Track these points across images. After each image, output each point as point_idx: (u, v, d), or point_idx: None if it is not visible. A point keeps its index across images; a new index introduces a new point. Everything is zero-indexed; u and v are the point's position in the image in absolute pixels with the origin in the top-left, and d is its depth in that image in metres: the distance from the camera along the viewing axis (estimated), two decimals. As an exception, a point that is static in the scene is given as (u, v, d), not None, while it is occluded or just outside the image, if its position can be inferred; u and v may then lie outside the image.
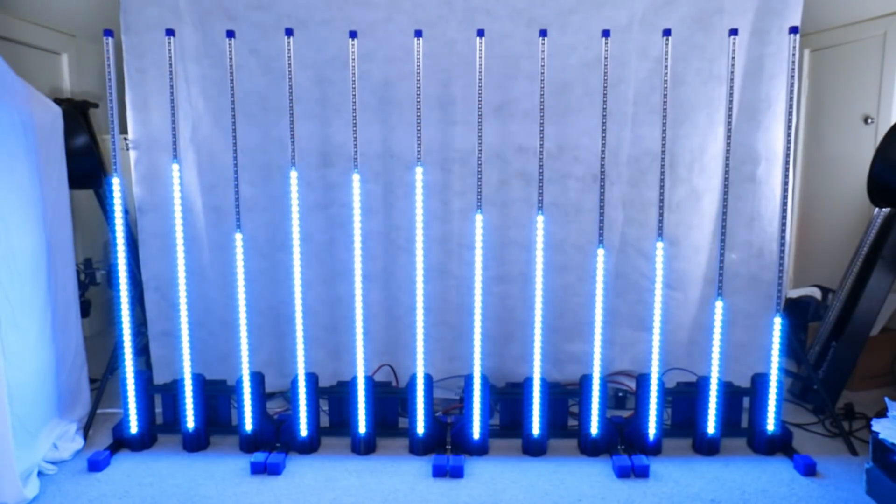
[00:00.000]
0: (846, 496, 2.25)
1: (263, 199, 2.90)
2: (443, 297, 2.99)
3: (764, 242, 2.85)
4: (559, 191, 2.91)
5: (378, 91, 2.84)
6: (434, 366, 2.84)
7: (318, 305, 2.97)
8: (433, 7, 2.79)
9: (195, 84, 2.80)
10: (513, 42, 2.79)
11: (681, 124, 2.83)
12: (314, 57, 2.81)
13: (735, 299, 2.86)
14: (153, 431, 2.63)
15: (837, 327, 3.00)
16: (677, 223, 2.90)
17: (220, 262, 2.90)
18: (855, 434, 2.69)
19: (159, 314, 2.93)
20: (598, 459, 2.50)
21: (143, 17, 2.73)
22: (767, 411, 2.51)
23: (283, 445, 2.53)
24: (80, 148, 2.81)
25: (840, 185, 3.75)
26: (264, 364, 2.84)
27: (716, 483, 2.33)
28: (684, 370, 2.93)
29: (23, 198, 2.35)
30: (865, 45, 3.55)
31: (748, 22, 2.73)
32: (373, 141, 2.86)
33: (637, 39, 2.79)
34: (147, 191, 2.84)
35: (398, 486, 2.30)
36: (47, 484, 2.31)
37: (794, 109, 2.39)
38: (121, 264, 2.48)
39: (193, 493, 2.26)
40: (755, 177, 2.82)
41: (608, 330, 2.94)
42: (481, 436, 2.52)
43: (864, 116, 3.56)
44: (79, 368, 2.72)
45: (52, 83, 3.74)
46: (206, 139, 2.85)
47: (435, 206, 2.91)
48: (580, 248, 2.93)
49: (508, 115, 2.86)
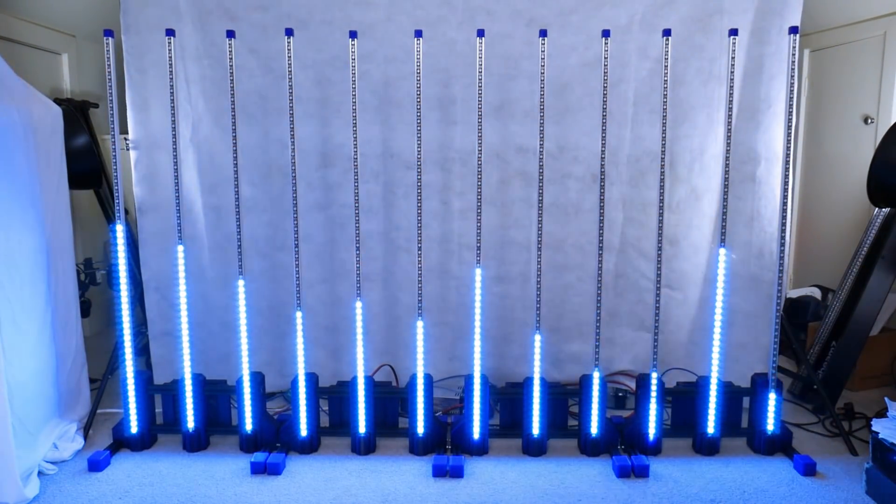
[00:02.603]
0: (846, 496, 2.25)
1: (263, 199, 2.90)
2: (443, 297, 2.99)
3: (764, 242, 2.85)
4: (559, 191, 2.91)
5: (378, 91, 2.84)
6: (434, 366, 2.84)
7: (318, 305, 2.97)
8: (433, 7, 2.79)
9: (195, 84, 2.80)
10: (513, 42, 2.79)
11: (681, 124, 2.83)
12: (314, 57, 2.81)
13: (735, 299, 2.86)
14: (153, 431, 2.63)
15: (837, 327, 3.00)
16: (677, 223, 2.90)
17: (220, 262, 2.91)
18: (855, 434, 2.69)
19: (159, 314, 2.93)
20: (598, 459, 2.50)
21: (143, 17, 2.73)
22: (767, 411, 2.51)
23: (283, 445, 2.54)
24: (80, 148, 2.81)
25: (840, 185, 3.75)
26: (264, 364, 2.85)
27: (716, 483, 2.33)
28: (684, 370, 2.93)
29: (23, 198, 2.35)
30: (865, 45, 3.55)
31: (748, 22, 2.73)
32: (373, 141, 2.86)
33: (637, 39, 2.79)
34: (147, 191, 2.84)
35: (398, 486, 2.30)
36: (47, 484, 2.31)
37: (793, 109, 2.39)
38: (121, 264, 2.49)
39: (193, 493, 2.26)
40: (755, 177, 2.82)
41: (608, 330, 2.95)
42: (481, 436, 2.52)
43: (864, 116, 3.56)
44: (79, 368, 2.72)
45: (52, 83, 3.74)
46: (206, 139, 2.85)
47: (435, 206, 2.92)
48: (580, 248, 2.93)
49: (508, 115, 2.86)
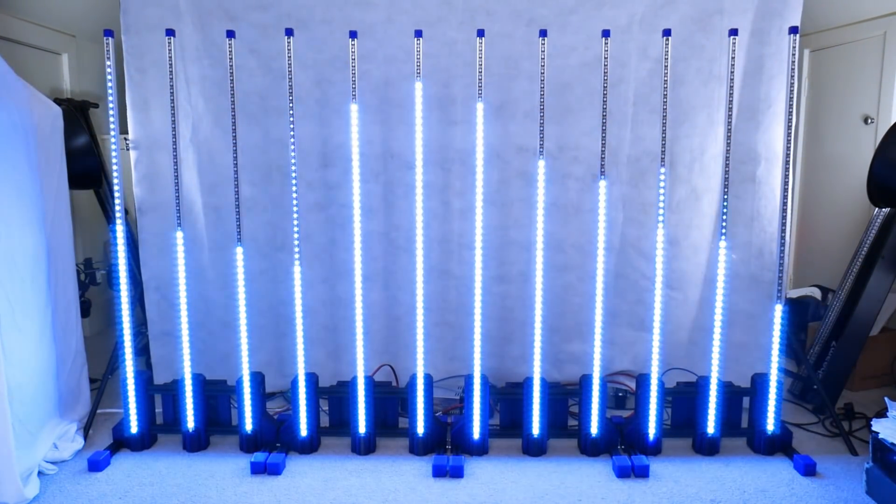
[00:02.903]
0: (846, 496, 2.25)
1: (263, 199, 2.90)
2: (443, 297, 2.99)
3: (764, 242, 2.85)
4: (559, 191, 2.91)
5: (378, 91, 2.84)
6: (434, 366, 2.85)
7: (318, 305, 2.97)
8: (433, 7, 2.79)
9: (195, 84, 2.80)
10: (513, 42, 2.79)
11: (681, 124, 2.83)
12: (314, 57, 2.81)
13: (735, 299, 2.86)
14: (153, 431, 2.63)
15: (837, 327, 3.00)
16: (677, 223, 2.90)
17: (220, 262, 2.91)
18: (855, 434, 2.69)
19: (159, 314, 2.93)
20: (598, 459, 2.50)
21: (143, 17, 2.73)
22: (767, 411, 2.51)
23: (283, 445, 2.54)
24: (80, 148, 2.81)
25: (840, 185, 3.75)
26: (264, 364, 2.85)
27: (716, 483, 2.33)
28: (684, 370, 2.93)
29: (23, 198, 2.35)
30: (865, 45, 3.55)
31: (748, 22, 2.73)
32: (373, 141, 2.86)
33: (637, 39, 2.79)
34: (147, 191, 2.84)
35: (398, 486, 2.30)
36: (47, 484, 2.31)
37: (793, 109, 2.39)
38: (121, 264, 2.49)
39: (193, 493, 2.26)
40: (755, 177, 2.82)
41: (608, 330, 2.94)
42: (481, 436, 2.52)
43: (864, 116, 3.56)
44: (79, 368, 2.72)
45: (52, 83, 3.74)
46: (206, 139, 2.85)
47: (435, 206, 2.92)
48: (580, 248, 2.93)
49: (508, 115, 2.86)
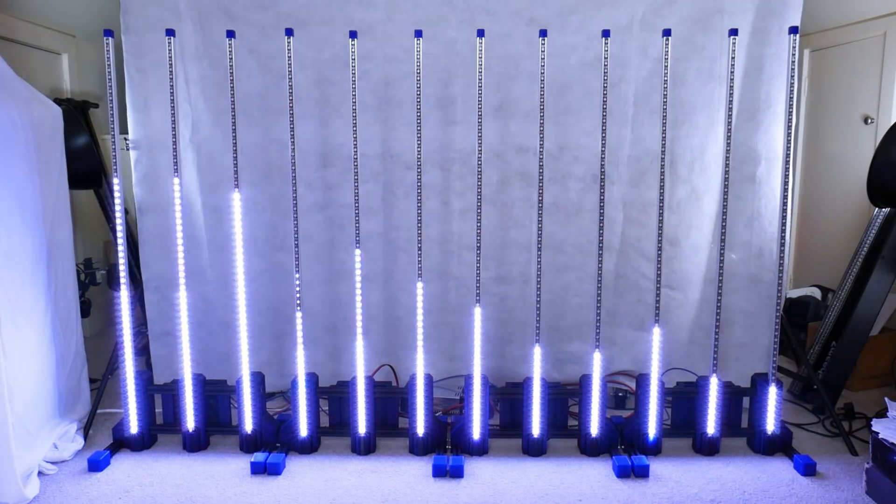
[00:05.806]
0: (846, 496, 2.25)
1: (263, 199, 2.90)
2: (443, 297, 2.99)
3: (764, 242, 2.85)
4: (559, 191, 2.91)
5: (378, 91, 2.83)
6: (434, 366, 2.85)
7: (318, 306, 2.97)
8: (433, 7, 2.79)
9: (195, 84, 2.80)
10: (513, 42, 2.79)
11: (681, 124, 2.83)
12: (314, 57, 2.81)
13: (735, 299, 2.86)
14: (153, 431, 2.63)
15: (837, 327, 3.00)
16: (677, 223, 2.90)
17: (220, 262, 2.91)
18: (855, 434, 2.69)
19: (159, 314, 2.93)
20: (598, 459, 2.50)
21: (143, 17, 2.73)
22: (767, 411, 2.51)
23: (283, 445, 2.54)
24: (80, 148, 2.81)
25: (840, 185, 3.75)
26: (264, 364, 2.85)
27: (716, 483, 2.33)
28: (684, 370, 2.93)
29: (23, 198, 2.35)
30: (865, 45, 3.55)
31: (748, 22, 2.73)
32: (373, 141, 2.86)
33: (637, 39, 2.79)
34: (147, 191, 2.84)
35: (398, 487, 2.30)
36: (47, 484, 2.31)
37: (793, 109, 2.39)
38: (121, 264, 2.49)
39: (193, 493, 2.26)
40: (755, 177, 2.82)
41: (608, 330, 2.95)
42: (481, 436, 2.52)
43: (864, 116, 3.56)
44: (79, 368, 2.73)
45: (52, 83, 3.74)
46: (206, 139, 2.85)
47: (435, 207, 2.92)
48: (580, 248, 2.93)
49: (508, 115, 2.86)
